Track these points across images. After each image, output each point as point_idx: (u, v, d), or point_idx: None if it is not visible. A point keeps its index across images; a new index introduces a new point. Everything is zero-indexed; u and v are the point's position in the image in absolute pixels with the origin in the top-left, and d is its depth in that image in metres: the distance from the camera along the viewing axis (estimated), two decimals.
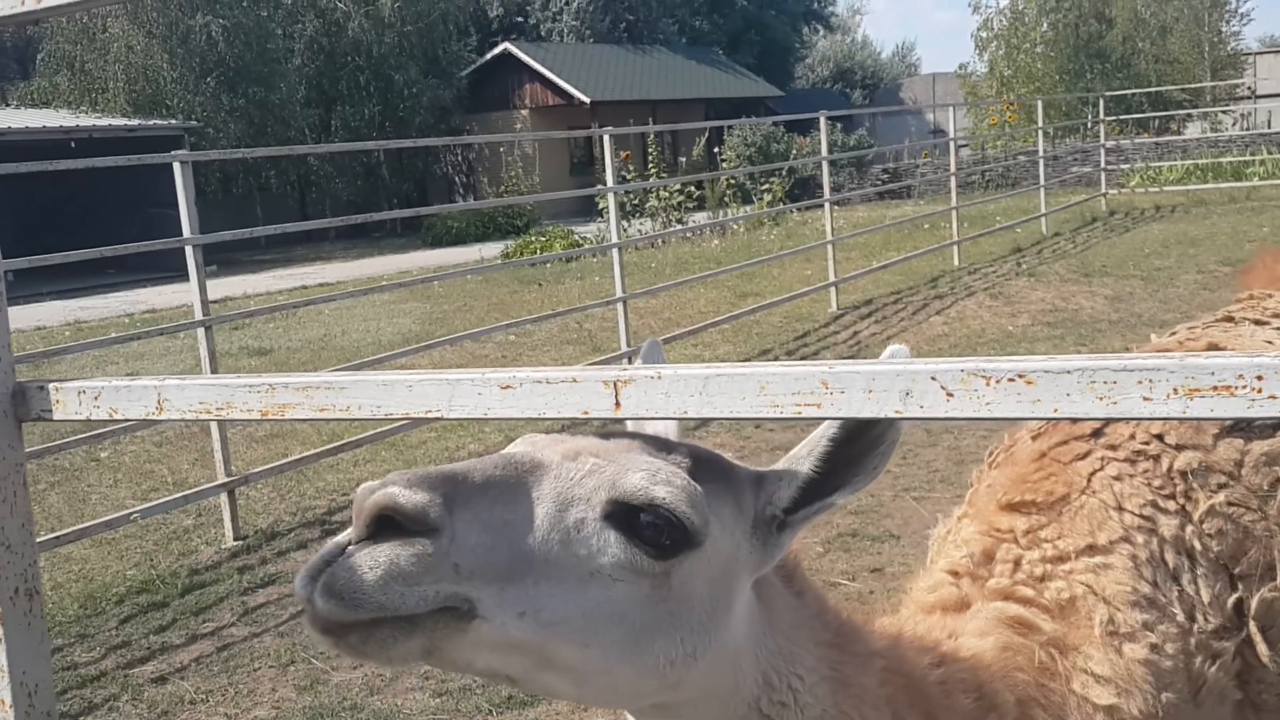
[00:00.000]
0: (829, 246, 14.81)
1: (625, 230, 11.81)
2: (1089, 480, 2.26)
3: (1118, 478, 2.25)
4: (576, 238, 24.47)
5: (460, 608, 1.35)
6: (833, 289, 14.82)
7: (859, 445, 1.55)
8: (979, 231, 19.71)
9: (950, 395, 1.05)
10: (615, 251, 11.24)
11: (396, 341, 14.68)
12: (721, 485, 1.56)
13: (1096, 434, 2.34)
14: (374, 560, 1.32)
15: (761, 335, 13.53)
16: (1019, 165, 30.83)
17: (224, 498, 7.70)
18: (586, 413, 1.25)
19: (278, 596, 6.71)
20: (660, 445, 1.57)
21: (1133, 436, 2.31)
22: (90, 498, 8.96)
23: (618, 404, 1.22)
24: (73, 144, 29.10)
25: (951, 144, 19.75)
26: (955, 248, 17.93)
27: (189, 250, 7.52)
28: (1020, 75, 39.95)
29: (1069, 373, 1.05)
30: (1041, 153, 23.42)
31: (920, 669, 1.86)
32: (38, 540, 6.16)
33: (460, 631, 1.36)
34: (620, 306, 11.10)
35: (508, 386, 1.29)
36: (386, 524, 1.33)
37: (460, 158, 42.50)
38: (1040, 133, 23.96)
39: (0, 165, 6.77)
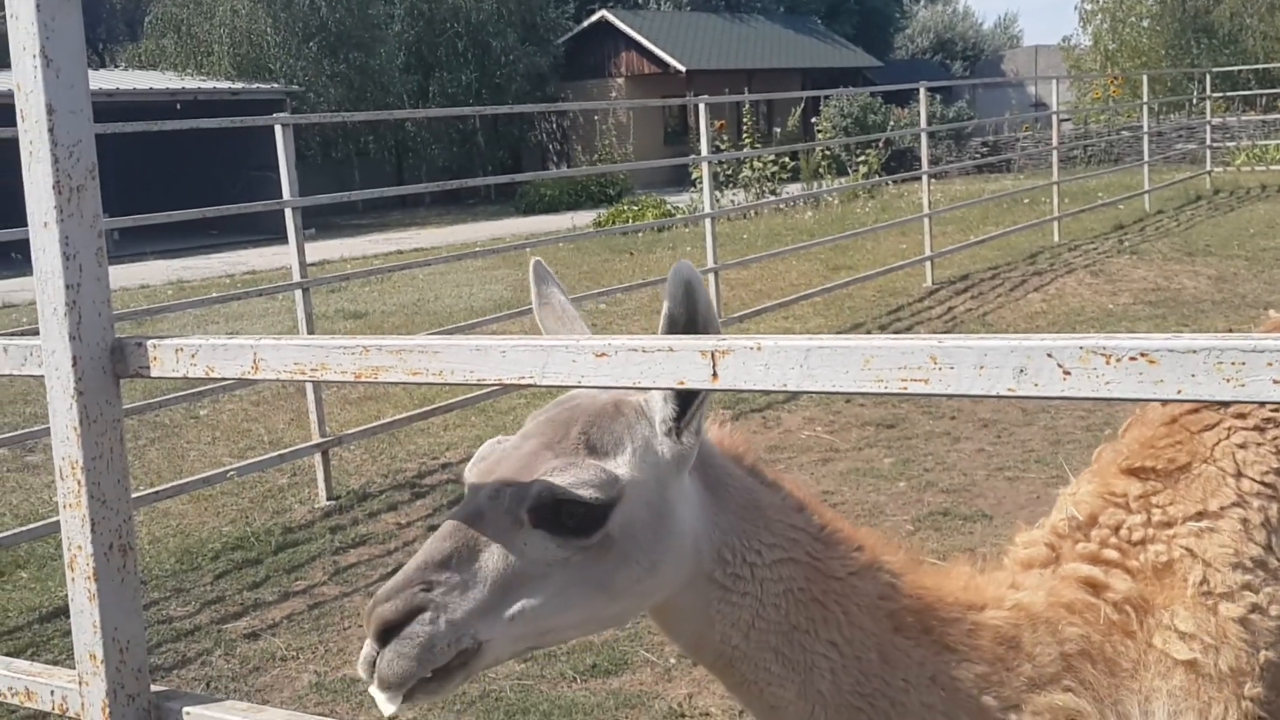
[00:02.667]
0: (925, 220, 14.57)
1: (718, 201, 11.75)
2: (1212, 450, 2.23)
3: (1242, 445, 2.22)
4: (669, 207, 24.39)
5: (470, 646, 1.70)
6: (928, 263, 14.59)
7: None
8: (1080, 207, 19.24)
9: (1067, 374, 0.99)
10: (708, 221, 11.17)
11: (489, 307, 14.78)
12: (618, 431, 1.80)
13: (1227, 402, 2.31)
14: (396, 655, 1.68)
15: (854, 309, 13.37)
16: (1122, 141, 29.99)
17: (318, 458, 7.82)
18: (682, 383, 1.22)
19: (368, 557, 6.81)
20: (559, 429, 1.81)
21: (1263, 404, 2.27)
22: (189, 454, 9.16)
23: (715, 375, 1.19)
24: (178, 106, 29.72)
25: (1054, 117, 19.26)
26: (1055, 223, 17.53)
27: (288, 213, 7.62)
28: (1125, 49, 38.86)
29: (1194, 352, 0.99)
30: (1146, 128, 22.75)
31: (948, 605, 1.96)
32: (137, 495, 6.30)
33: (478, 656, 1.72)
34: (712, 277, 11.04)
35: (602, 354, 1.26)
36: (391, 628, 1.69)
37: (555, 126, 42.59)
38: (1145, 108, 23.28)
39: (108, 125, 6.91)
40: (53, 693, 1.79)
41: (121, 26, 42.28)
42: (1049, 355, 1.00)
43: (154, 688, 1.73)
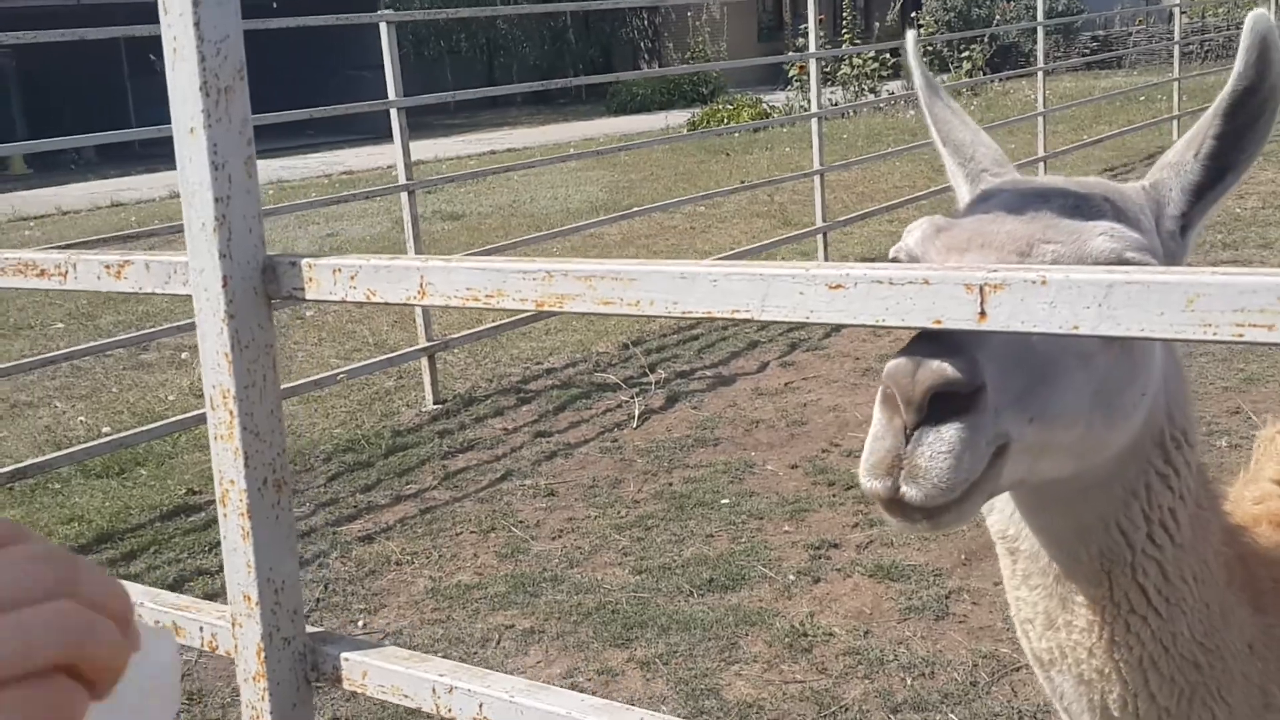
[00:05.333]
0: (1039, 119, 14.00)
1: (820, 99, 11.29)
2: None
3: None
4: (765, 106, 23.83)
5: (1003, 444, 1.33)
6: (1041, 164, 14.04)
7: (1239, 123, 1.51)
8: (1200, 105, 18.36)
9: None
10: (815, 122, 10.80)
11: (585, 210, 14.60)
12: (1137, 218, 1.53)
13: None
14: (945, 443, 1.28)
15: None
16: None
17: (424, 362, 7.78)
18: (939, 322, 1.04)
19: (477, 462, 6.77)
20: (1071, 199, 1.50)
21: None
22: (296, 355, 9.19)
23: (983, 313, 1.01)
24: (274, 4, 29.62)
25: (1176, 10, 18.34)
26: (1175, 122, 16.77)
27: (394, 113, 7.49)
28: None
29: None
30: (1272, 19, 21.57)
31: (1257, 556, 1.70)
32: None
33: (1003, 463, 1.34)
34: (816, 180, 10.71)
35: (838, 286, 1.09)
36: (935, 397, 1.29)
37: (646, 23, 41.77)
38: None
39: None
40: (202, 629, 1.69)
41: None
42: None
43: (309, 629, 1.63)
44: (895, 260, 1.53)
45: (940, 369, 1.26)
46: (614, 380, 8.02)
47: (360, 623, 5.05)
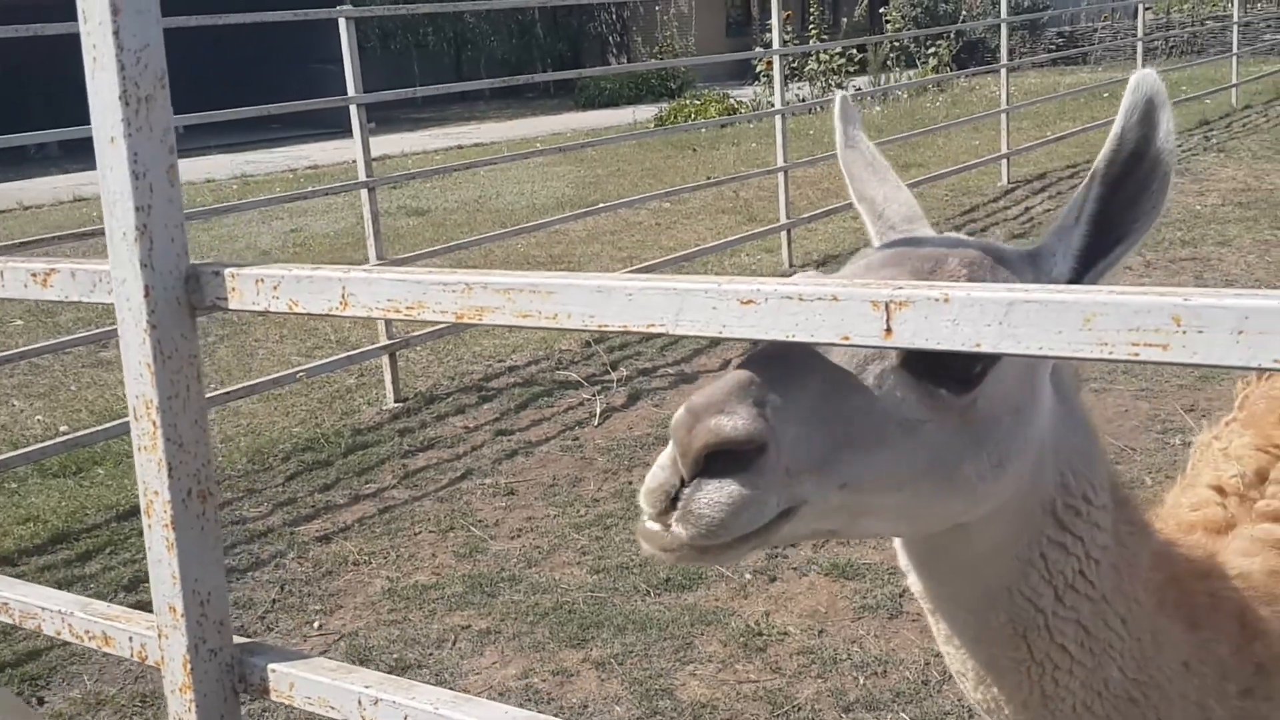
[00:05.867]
0: (1003, 115, 14.08)
1: (784, 96, 11.30)
2: None
3: None
4: (732, 102, 23.86)
5: (794, 506, 1.32)
6: (1004, 161, 14.14)
7: (1128, 190, 1.44)
8: None
9: None
10: (779, 118, 10.82)
11: (551, 205, 14.58)
12: (1006, 280, 1.45)
13: None
14: (725, 496, 1.27)
15: (926, 209, 12.66)
16: (1207, 31, 28.86)
17: (385, 359, 7.75)
18: (846, 338, 1.04)
19: (437, 461, 6.75)
20: (931, 257, 1.45)
21: None
22: (257, 352, 9.14)
23: (888, 330, 1.01)
24: None
25: (1139, 6, 18.48)
26: None
27: (353, 109, 7.44)
28: None
29: None
30: (1235, 18, 21.78)
31: (1189, 573, 1.69)
32: (209, 395, 6.20)
33: (789, 520, 1.33)
34: (781, 176, 10.73)
35: (749, 301, 1.09)
36: (715, 452, 1.27)
37: (615, 17, 41.73)
38: None
39: (172, 19, 6.71)
40: (131, 639, 1.68)
41: None
42: None
43: (236, 640, 1.62)
44: None
45: (717, 427, 1.25)
46: (576, 378, 8.01)
47: (316, 624, 5.02)
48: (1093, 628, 1.56)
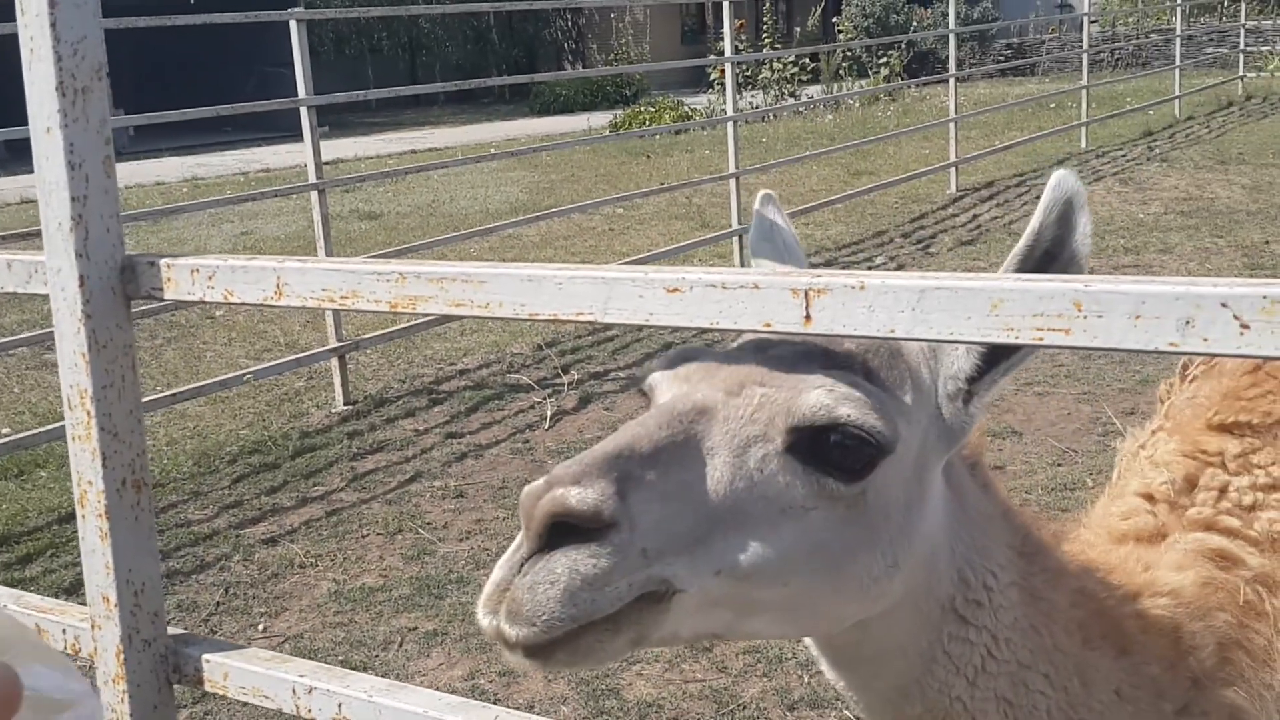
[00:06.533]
0: (951, 125, 14.24)
1: (737, 103, 11.37)
2: None
3: None
4: (686, 109, 23.95)
5: (659, 590, 1.23)
6: (953, 169, 14.29)
7: None
8: (1108, 113, 18.81)
9: (1246, 327, 0.84)
10: (730, 125, 10.88)
11: (504, 210, 14.56)
12: (900, 373, 1.42)
13: None
14: (552, 574, 1.18)
15: (876, 216, 13.13)
16: (1151, 44, 29.30)
17: (335, 362, 7.71)
18: (769, 325, 1.07)
19: (386, 464, 6.73)
20: (821, 346, 1.40)
21: None
22: (205, 355, 9.07)
23: (808, 317, 1.04)
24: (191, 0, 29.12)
25: (1085, 19, 18.75)
26: (1083, 129, 17.14)
27: (304, 112, 7.41)
28: None
29: None
30: (1178, 31, 22.14)
31: (1114, 599, 1.68)
32: (154, 397, 6.18)
33: (663, 612, 1.25)
34: (733, 182, 10.79)
35: (675, 290, 1.12)
36: (560, 528, 1.20)
37: (570, 23, 41.75)
38: (1177, 10, 22.64)
39: (120, 20, 6.67)
40: (64, 631, 1.68)
41: None
42: (1224, 305, 0.85)
43: (171, 631, 1.62)
44: (641, 390, 1.51)
45: (562, 497, 1.17)
46: (527, 381, 8.01)
47: (261, 626, 4.99)
48: (1014, 697, 1.54)
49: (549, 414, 7.36)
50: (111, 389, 1.50)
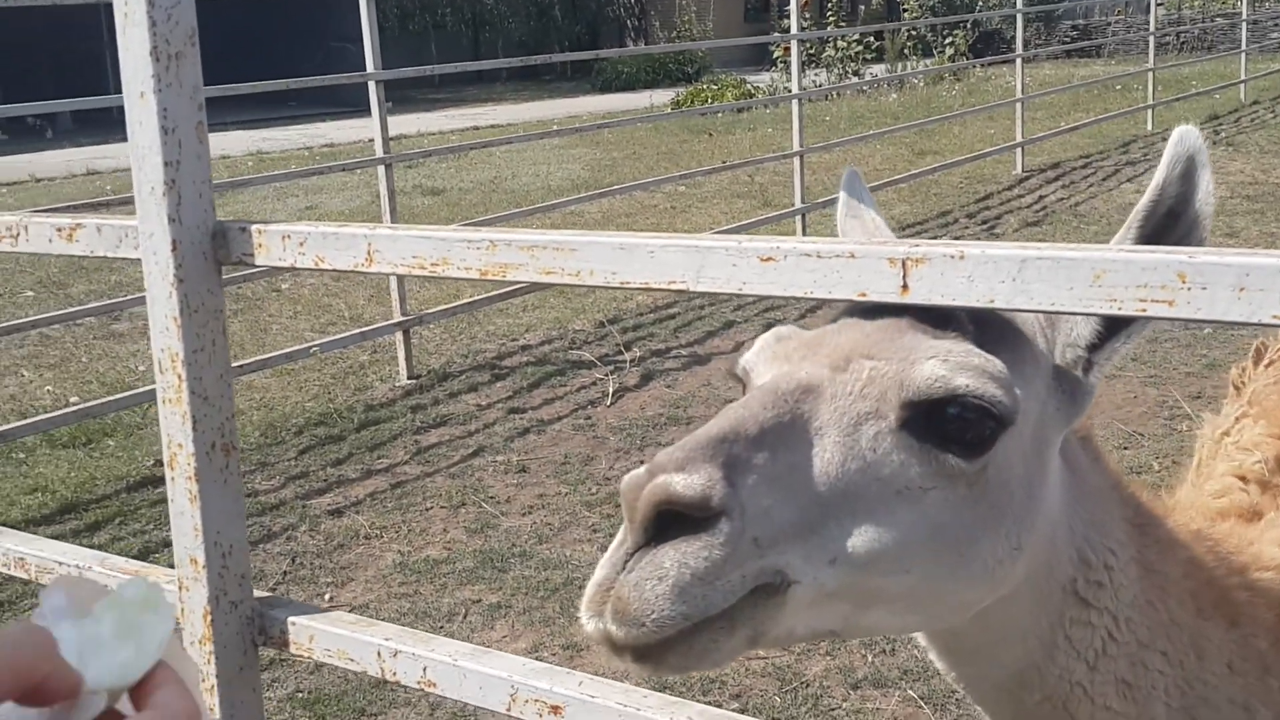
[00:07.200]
0: (1017, 105, 14.04)
1: (801, 81, 11.27)
2: None
3: None
4: (749, 87, 23.81)
5: (773, 582, 1.17)
6: (1019, 150, 14.11)
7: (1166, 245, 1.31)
8: (1173, 96, 18.46)
9: None
10: (795, 103, 10.81)
11: (566, 187, 14.58)
12: (1014, 341, 1.33)
13: None
14: (659, 569, 1.12)
15: (940, 196, 13.00)
16: (1216, 28, 28.71)
17: (399, 336, 7.78)
18: (864, 294, 1.07)
19: (449, 438, 6.78)
20: (932, 316, 1.30)
21: None
22: (271, 328, 9.18)
23: (905, 286, 1.03)
24: None
25: (1151, 2, 18.38)
26: (1149, 112, 16.84)
27: (371, 86, 7.46)
28: None
29: None
30: (1244, 15, 21.66)
31: (1224, 569, 1.62)
32: None
33: (779, 606, 1.18)
34: (797, 161, 10.73)
35: (769, 259, 1.11)
36: (666, 518, 1.13)
37: (633, 1, 41.66)
38: None
39: None
40: None
41: None
42: None
43: (257, 593, 1.65)
44: (734, 374, 1.42)
45: (667, 483, 1.10)
46: (589, 358, 8.03)
47: (327, 596, 5.06)
48: (1133, 677, 1.49)
49: (611, 390, 7.38)
50: (202, 353, 1.52)
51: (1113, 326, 1.36)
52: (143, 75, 1.46)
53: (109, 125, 24.32)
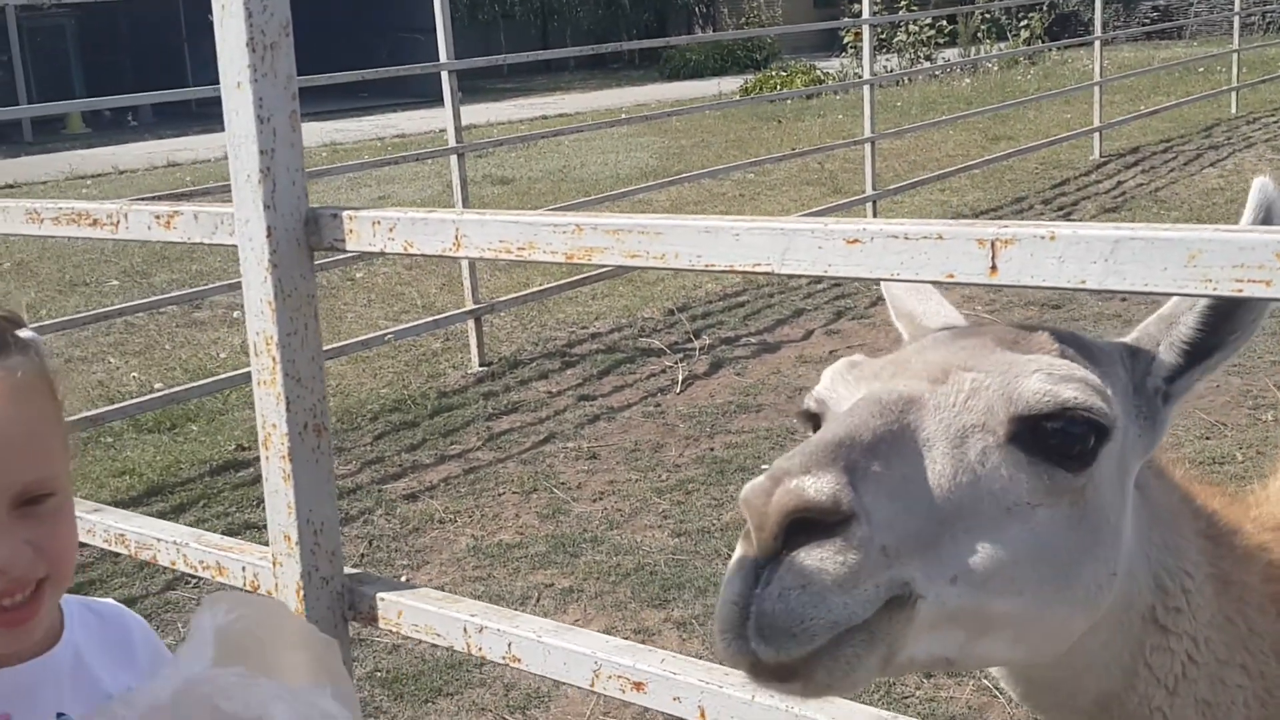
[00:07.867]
0: (1095, 88, 13.81)
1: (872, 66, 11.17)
2: None
3: None
4: (818, 73, 23.66)
5: (902, 594, 1.14)
6: (1096, 135, 13.88)
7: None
8: (1260, 78, 18.03)
9: None
10: (867, 89, 10.73)
11: (635, 175, 14.61)
12: (1101, 361, 1.33)
13: None
14: (801, 577, 1.08)
15: (1015, 182, 12.83)
16: None
17: (471, 324, 7.86)
18: (951, 276, 1.07)
19: (520, 424, 6.84)
20: (1011, 334, 1.31)
21: None
22: (346, 316, 9.31)
23: (993, 268, 1.04)
24: None
25: None
26: (1234, 94, 16.48)
27: (444, 76, 7.53)
28: None
29: None
30: None
31: None
32: None
33: (908, 621, 1.15)
34: (868, 147, 10.65)
35: (854, 240, 1.12)
36: (795, 526, 1.11)
37: None
38: None
39: None
40: (244, 569, 1.76)
41: None
42: None
43: (347, 570, 1.69)
44: (807, 411, 1.38)
45: (799, 488, 1.08)
46: (658, 345, 8.06)
47: (403, 578, 5.14)
48: (1213, 696, 1.46)
49: (680, 378, 7.40)
50: (295, 336, 1.56)
51: (1191, 358, 1.36)
52: (239, 65, 1.50)
53: (188, 118, 24.84)
